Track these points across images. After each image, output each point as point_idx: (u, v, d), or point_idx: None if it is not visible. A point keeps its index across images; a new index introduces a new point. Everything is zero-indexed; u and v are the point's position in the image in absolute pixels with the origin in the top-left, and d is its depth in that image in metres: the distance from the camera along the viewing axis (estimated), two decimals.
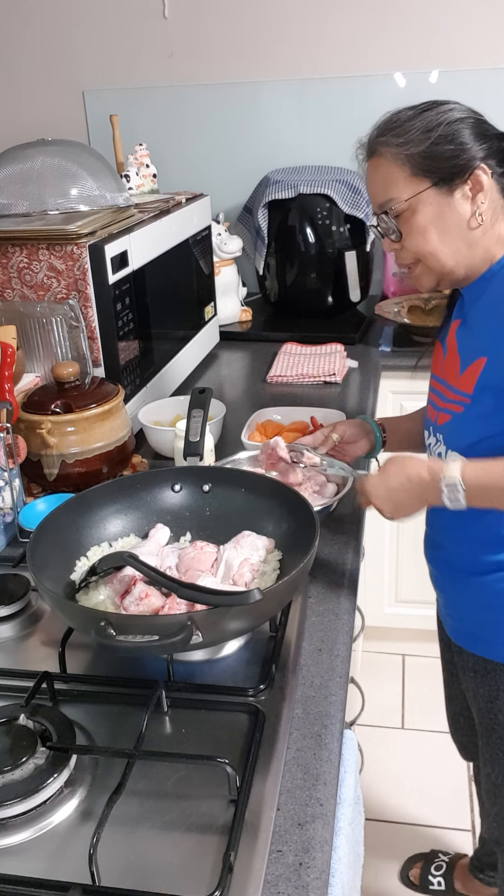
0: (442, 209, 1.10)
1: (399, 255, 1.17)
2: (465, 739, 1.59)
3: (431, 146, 1.08)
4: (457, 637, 1.33)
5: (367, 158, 1.15)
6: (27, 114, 2.65)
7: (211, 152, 2.61)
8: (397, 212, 1.11)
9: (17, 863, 0.75)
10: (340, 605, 1.13)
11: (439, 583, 1.34)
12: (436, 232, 1.10)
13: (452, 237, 1.11)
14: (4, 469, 1.28)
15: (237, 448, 1.44)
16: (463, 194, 1.09)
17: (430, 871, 1.82)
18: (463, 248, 1.11)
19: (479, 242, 1.11)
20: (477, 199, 1.09)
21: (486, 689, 1.28)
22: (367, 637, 2.22)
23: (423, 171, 1.09)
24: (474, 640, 1.28)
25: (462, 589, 1.26)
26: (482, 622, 1.24)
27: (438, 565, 1.32)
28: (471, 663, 1.30)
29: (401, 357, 2.13)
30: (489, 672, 1.26)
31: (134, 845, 0.76)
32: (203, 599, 0.92)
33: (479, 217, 1.09)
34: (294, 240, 2.30)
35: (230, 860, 0.72)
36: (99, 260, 1.46)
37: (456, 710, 1.56)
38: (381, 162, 1.12)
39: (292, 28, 2.43)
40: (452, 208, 1.09)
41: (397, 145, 1.09)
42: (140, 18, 2.50)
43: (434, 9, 2.34)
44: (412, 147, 1.08)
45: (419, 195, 1.09)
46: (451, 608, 1.33)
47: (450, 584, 1.30)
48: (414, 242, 1.12)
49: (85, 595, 1.03)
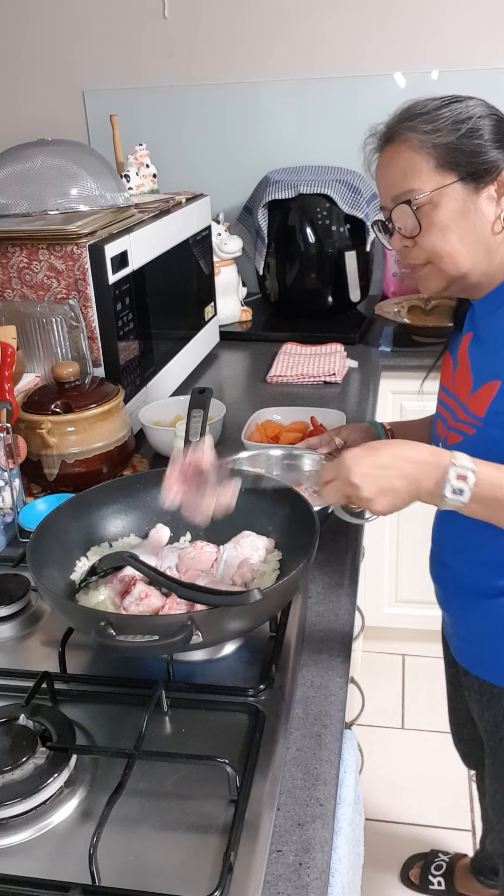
0: (467, 207, 1.02)
1: (409, 253, 1.08)
2: (467, 749, 1.57)
3: (461, 138, 1.00)
4: (462, 659, 1.29)
5: (384, 146, 1.07)
6: (27, 114, 2.65)
7: (211, 152, 2.61)
8: (418, 204, 1.02)
9: (17, 863, 0.75)
10: (340, 605, 1.13)
11: (445, 602, 1.29)
12: (456, 231, 1.03)
13: (473, 239, 1.03)
14: (4, 469, 1.28)
15: (237, 448, 1.44)
16: (489, 195, 1.02)
17: (430, 871, 1.82)
18: (481, 253, 1.04)
19: (498, 249, 1.04)
20: (502, 202, 1.03)
21: (490, 714, 1.24)
22: (367, 637, 2.22)
23: (449, 164, 1.01)
24: (480, 663, 1.23)
25: (468, 611, 1.21)
26: (488, 646, 1.19)
27: (444, 585, 1.27)
28: (476, 686, 1.26)
29: (401, 357, 2.13)
30: (494, 696, 1.22)
31: (134, 845, 0.76)
32: (203, 599, 0.92)
33: (502, 220, 1.03)
34: (294, 240, 2.30)
35: (230, 860, 0.72)
36: (99, 260, 1.46)
37: (459, 722, 1.53)
38: (403, 150, 1.03)
39: (292, 28, 2.43)
40: (477, 208, 1.02)
41: (425, 132, 1.01)
42: (140, 18, 2.50)
43: (434, 9, 2.34)
44: (441, 136, 1.01)
45: (444, 188, 1.01)
46: (456, 629, 1.28)
47: (456, 604, 1.25)
48: (431, 240, 1.04)
49: (85, 595, 1.03)
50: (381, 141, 1.08)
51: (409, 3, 2.35)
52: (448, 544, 1.22)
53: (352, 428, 1.35)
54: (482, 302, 1.09)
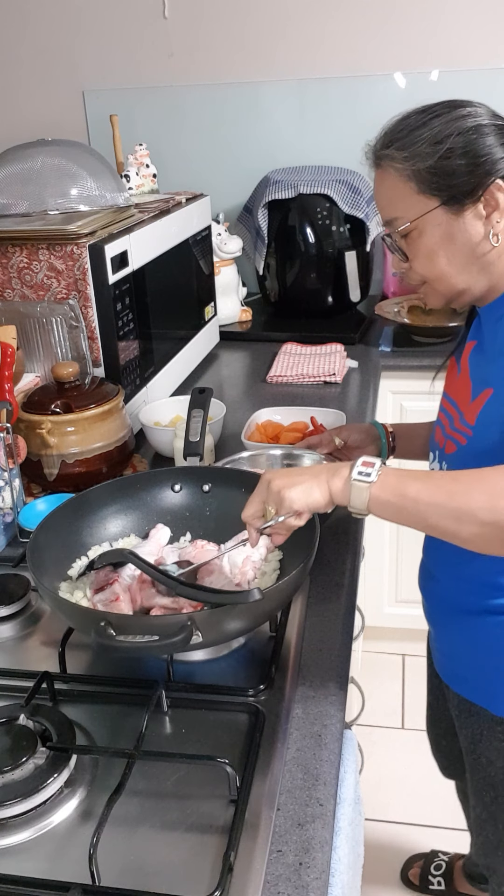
0: (451, 231, 1.00)
1: (407, 275, 1.08)
2: (445, 761, 1.55)
3: (440, 160, 0.97)
4: (443, 673, 1.27)
5: (374, 168, 1.06)
6: (27, 114, 2.65)
7: (211, 152, 2.61)
8: (403, 232, 1.02)
9: (17, 863, 0.75)
10: (340, 605, 1.13)
11: (430, 616, 1.27)
12: (444, 255, 1.01)
13: (462, 260, 1.01)
14: (4, 469, 1.28)
15: (237, 448, 1.44)
16: (475, 213, 0.99)
17: (429, 871, 1.82)
18: (474, 271, 1.02)
19: (496, 262, 1.02)
20: (492, 219, 0.99)
21: (468, 731, 1.23)
22: (367, 637, 2.22)
23: (430, 189, 0.99)
24: (459, 680, 1.22)
25: (450, 626, 1.20)
26: (469, 664, 1.18)
27: (430, 598, 1.25)
28: (455, 702, 1.25)
29: (401, 357, 2.13)
30: (472, 714, 1.20)
31: (134, 845, 0.76)
32: (203, 598, 0.92)
33: (493, 238, 0.99)
34: (294, 240, 2.30)
35: (230, 860, 0.72)
36: (99, 260, 1.46)
37: (439, 733, 1.51)
38: (386, 176, 1.03)
39: (292, 28, 2.43)
40: (463, 229, 1.00)
41: (405, 158, 0.99)
42: (140, 18, 2.50)
43: (434, 9, 2.34)
44: (419, 161, 0.98)
45: (426, 216, 1.00)
46: (439, 644, 1.27)
47: (439, 618, 1.24)
48: (421, 266, 1.04)
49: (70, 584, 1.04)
50: (370, 162, 1.07)
51: (409, 3, 2.35)
52: (438, 556, 1.20)
53: (352, 428, 1.35)
54: (487, 310, 1.08)
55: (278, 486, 0.91)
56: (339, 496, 0.90)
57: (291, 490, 0.91)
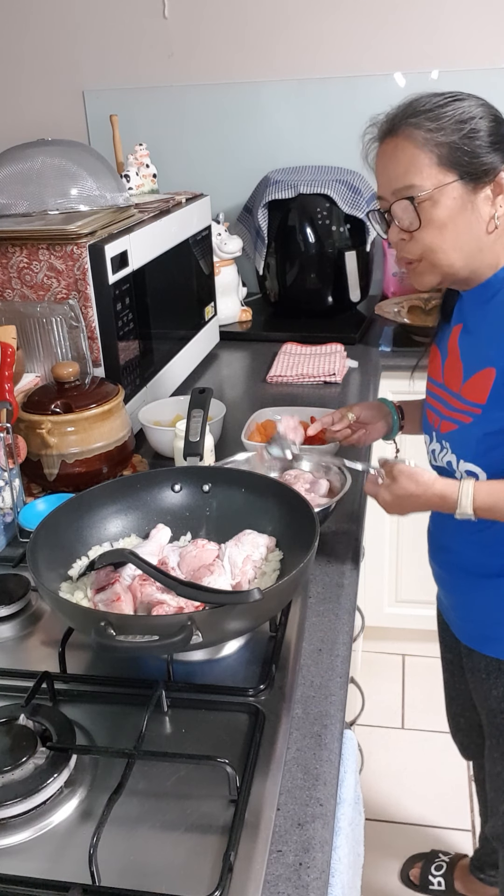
0: (464, 206, 1.05)
1: (406, 246, 1.10)
2: (465, 740, 1.59)
3: (463, 138, 1.02)
4: (466, 638, 1.31)
5: (385, 137, 1.08)
6: (27, 114, 2.65)
7: (211, 152, 2.61)
8: (419, 200, 1.05)
9: (17, 863, 0.75)
10: (340, 605, 1.13)
11: (446, 584, 1.33)
12: (453, 229, 1.05)
13: (468, 237, 1.06)
14: (4, 469, 1.28)
15: (237, 448, 1.44)
16: (485, 195, 1.05)
17: (430, 870, 1.82)
18: (474, 250, 1.07)
19: (491, 247, 1.08)
20: (496, 202, 1.05)
21: (499, 690, 1.26)
22: (367, 637, 2.22)
23: (450, 163, 1.03)
24: (486, 641, 1.26)
25: (471, 590, 1.25)
26: (494, 623, 1.23)
27: (446, 567, 1.30)
28: (482, 664, 1.28)
29: (401, 357, 2.13)
30: (503, 672, 1.25)
31: (134, 845, 0.76)
32: (203, 598, 0.92)
33: (496, 220, 1.06)
34: (294, 240, 2.30)
35: (230, 860, 0.72)
36: (99, 260, 1.46)
37: (457, 711, 1.55)
38: (405, 145, 1.05)
39: (292, 28, 2.43)
40: (475, 207, 1.05)
41: (429, 130, 1.03)
42: (140, 18, 2.50)
43: (434, 9, 2.34)
44: (443, 135, 1.02)
45: (444, 187, 1.03)
46: (459, 609, 1.31)
47: (458, 585, 1.29)
48: (429, 236, 1.06)
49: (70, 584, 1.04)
50: (382, 132, 1.09)
51: (409, 3, 2.35)
52: (449, 528, 1.25)
53: (364, 406, 1.37)
54: (472, 294, 1.13)
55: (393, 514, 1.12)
56: None
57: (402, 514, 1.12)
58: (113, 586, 1.00)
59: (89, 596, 1.01)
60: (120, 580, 1.01)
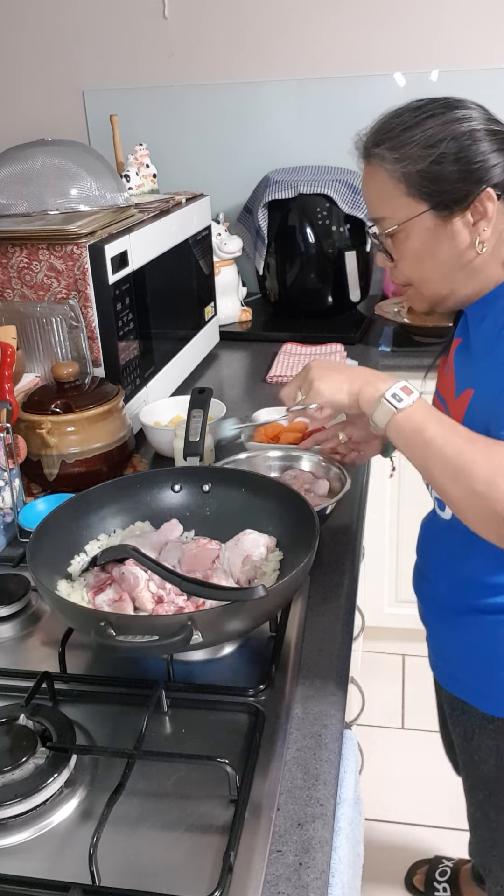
0: (438, 236, 0.98)
1: (392, 273, 1.07)
2: (455, 758, 1.58)
3: (432, 165, 0.95)
4: (436, 673, 1.30)
5: (363, 161, 1.04)
6: (27, 114, 2.65)
7: (211, 152, 2.61)
8: (390, 233, 1.01)
9: (17, 863, 0.75)
10: (340, 605, 1.13)
11: (424, 618, 1.29)
12: (429, 260, 1.00)
13: (448, 266, 1.00)
14: (4, 469, 1.28)
15: (237, 448, 1.44)
16: (463, 221, 0.98)
17: (434, 877, 1.81)
18: (460, 277, 1.01)
19: (481, 269, 1.01)
20: (479, 227, 0.97)
21: (461, 729, 1.25)
22: (367, 637, 2.22)
23: (420, 193, 0.97)
24: (451, 679, 1.24)
25: (442, 626, 1.21)
26: (458, 663, 1.19)
27: (423, 599, 1.27)
28: (448, 699, 1.27)
29: (401, 357, 2.13)
30: (464, 713, 1.22)
31: (134, 845, 0.76)
32: (207, 594, 0.92)
33: (479, 246, 0.98)
34: (294, 240, 2.30)
35: (230, 860, 0.72)
36: (99, 260, 1.46)
37: (447, 731, 1.53)
38: (375, 173, 1.00)
39: (292, 28, 2.43)
40: (450, 236, 0.98)
41: (393, 160, 0.97)
42: (140, 18, 2.50)
43: (434, 9, 2.34)
44: (410, 164, 0.96)
45: (414, 219, 0.98)
46: (432, 643, 1.28)
47: (431, 619, 1.25)
48: (407, 268, 1.03)
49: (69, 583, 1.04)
50: (360, 155, 1.05)
51: (409, 3, 2.35)
52: (431, 558, 1.22)
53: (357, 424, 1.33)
54: (472, 310, 1.07)
55: (313, 377, 0.99)
56: (365, 405, 0.96)
57: (322, 383, 0.98)
58: (112, 586, 1.00)
59: (89, 596, 1.01)
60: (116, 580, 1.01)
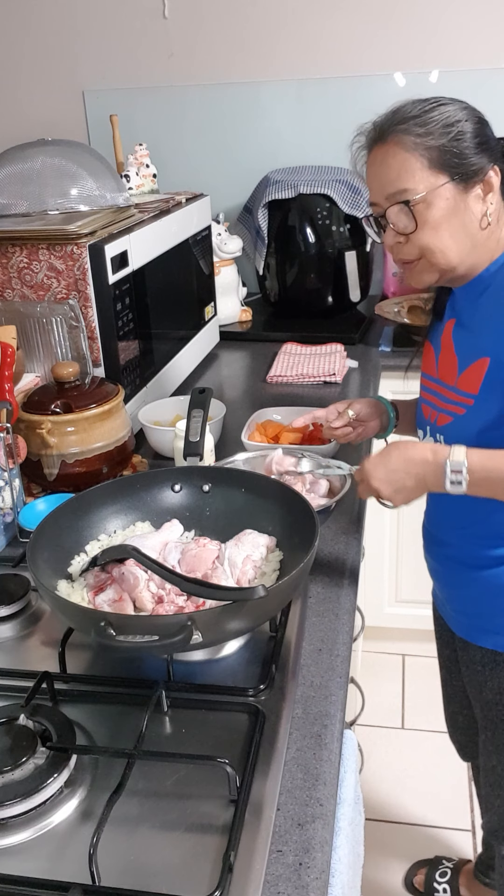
0: (457, 206, 1.09)
1: (402, 249, 1.14)
2: (463, 739, 1.59)
3: (451, 141, 1.07)
4: (462, 631, 1.32)
5: (375, 145, 1.11)
6: (27, 114, 2.65)
7: (211, 152, 2.60)
8: (413, 203, 1.09)
9: (17, 863, 0.75)
10: (340, 605, 1.13)
11: (441, 577, 1.34)
12: (448, 229, 1.09)
13: (462, 235, 1.10)
14: (4, 469, 1.28)
15: (237, 448, 1.44)
16: (476, 194, 1.09)
17: (434, 877, 1.81)
18: (469, 247, 1.11)
19: (484, 243, 1.12)
20: (487, 200, 1.10)
21: (495, 682, 1.28)
22: (367, 637, 2.22)
23: (440, 166, 1.07)
24: (482, 633, 1.28)
25: (466, 583, 1.26)
26: (489, 615, 1.25)
27: (441, 560, 1.32)
28: (478, 656, 1.30)
29: (401, 357, 2.12)
30: (498, 664, 1.26)
31: (134, 845, 0.76)
32: (207, 594, 0.92)
33: (488, 217, 1.10)
34: (294, 240, 2.30)
35: (230, 860, 0.72)
36: (99, 260, 1.46)
37: (455, 709, 1.56)
38: (397, 150, 1.08)
39: (292, 28, 2.43)
40: (467, 206, 1.09)
41: (418, 135, 1.07)
42: (140, 18, 2.50)
43: (434, 9, 2.34)
44: (433, 139, 1.07)
45: (437, 189, 1.08)
46: (454, 602, 1.33)
47: (453, 578, 1.30)
48: (425, 237, 1.10)
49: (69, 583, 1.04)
50: (371, 140, 1.12)
51: (409, 3, 2.35)
52: (446, 523, 1.28)
53: (363, 402, 1.37)
54: (464, 289, 1.17)
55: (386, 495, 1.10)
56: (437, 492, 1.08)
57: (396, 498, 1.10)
58: (113, 586, 1.00)
59: (88, 597, 1.01)
60: (116, 580, 1.01)
